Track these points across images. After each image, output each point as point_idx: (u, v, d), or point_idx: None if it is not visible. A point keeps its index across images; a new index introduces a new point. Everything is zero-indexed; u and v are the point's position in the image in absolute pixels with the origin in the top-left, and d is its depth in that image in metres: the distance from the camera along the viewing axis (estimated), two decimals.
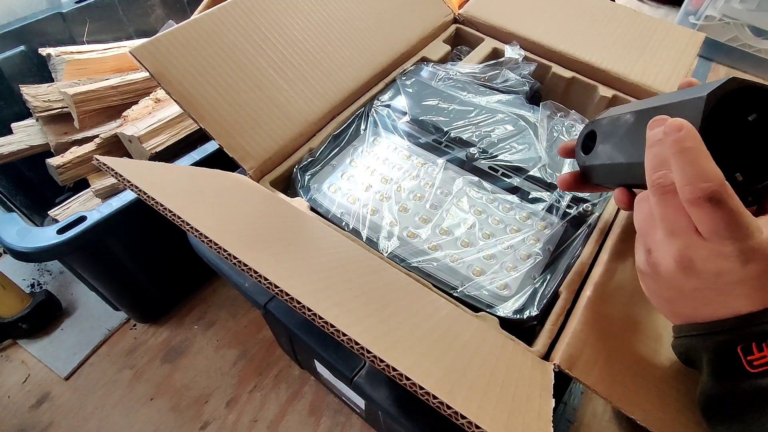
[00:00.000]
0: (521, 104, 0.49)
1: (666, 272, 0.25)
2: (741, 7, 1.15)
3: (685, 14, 1.26)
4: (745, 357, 0.23)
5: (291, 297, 0.22)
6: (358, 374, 0.37)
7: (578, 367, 0.29)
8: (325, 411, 0.65)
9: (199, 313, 0.76)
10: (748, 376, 0.23)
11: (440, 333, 0.27)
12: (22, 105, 0.71)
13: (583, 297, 0.34)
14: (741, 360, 0.24)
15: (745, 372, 0.23)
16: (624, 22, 0.57)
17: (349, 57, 0.50)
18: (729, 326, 0.24)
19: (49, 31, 0.78)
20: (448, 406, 0.20)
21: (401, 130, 0.47)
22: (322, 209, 0.41)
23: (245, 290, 0.41)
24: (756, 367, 0.23)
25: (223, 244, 0.24)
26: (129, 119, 0.69)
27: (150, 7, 0.91)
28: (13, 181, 0.76)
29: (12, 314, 0.69)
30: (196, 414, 0.65)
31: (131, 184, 0.28)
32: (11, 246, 0.49)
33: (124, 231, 0.58)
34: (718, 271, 0.23)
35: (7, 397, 0.66)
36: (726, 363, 0.24)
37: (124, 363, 0.70)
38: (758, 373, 0.23)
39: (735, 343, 0.24)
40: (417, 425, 0.34)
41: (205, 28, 0.41)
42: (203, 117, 0.39)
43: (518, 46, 0.55)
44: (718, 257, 0.23)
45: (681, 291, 0.25)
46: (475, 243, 0.39)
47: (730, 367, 0.24)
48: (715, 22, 1.21)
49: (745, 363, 0.23)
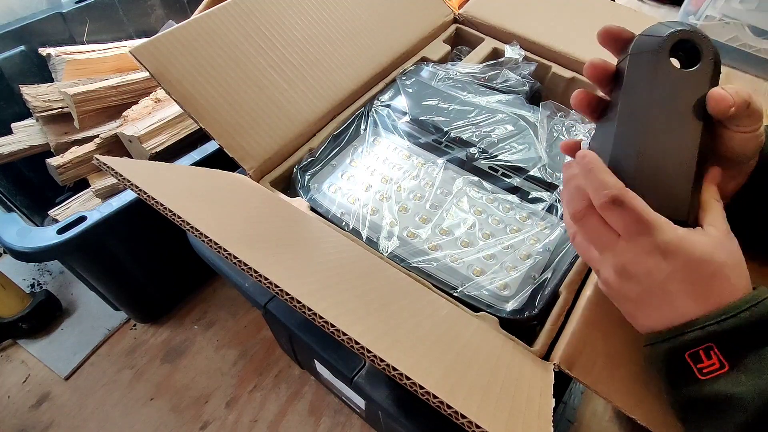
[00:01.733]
0: (521, 104, 0.49)
1: (613, 285, 0.27)
2: (741, 7, 1.15)
3: (685, 14, 1.26)
4: (695, 365, 0.24)
5: (291, 297, 0.22)
6: (358, 374, 0.37)
7: (578, 367, 0.29)
8: (325, 411, 0.65)
9: (199, 313, 0.76)
10: (700, 384, 0.24)
11: (440, 333, 0.27)
12: (22, 105, 0.71)
13: (583, 297, 0.34)
14: (691, 368, 0.24)
15: (696, 379, 0.24)
16: (624, 22, 0.57)
17: (349, 57, 0.50)
18: (672, 333, 0.25)
19: (49, 31, 0.78)
20: (448, 405, 0.20)
21: (401, 130, 0.47)
22: (322, 209, 0.41)
23: (245, 290, 0.41)
24: (706, 375, 0.24)
25: (224, 244, 0.24)
26: (129, 119, 0.69)
27: (150, 7, 0.91)
28: (13, 181, 0.76)
29: (12, 314, 0.69)
30: (196, 414, 0.65)
31: (131, 183, 0.28)
32: (11, 246, 0.49)
33: (124, 231, 0.58)
34: (647, 269, 0.25)
35: (7, 397, 0.66)
36: (677, 371, 0.25)
37: (124, 363, 0.70)
38: (708, 381, 0.23)
39: (682, 350, 0.24)
40: (417, 425, 0.34)
41: (205, 28, 0.41)
42: (203, 117, 0.39)
43: (518, 46, 0.55)
44: (641, 255, 0.25)
45: (630, 300, 0.27)
46: (475, 243, 0.39)
47: (682, 376, 0.24)
48: (715, 22, 1.21)
49: (695, 371, 0.24)
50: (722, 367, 0.23)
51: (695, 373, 0.24)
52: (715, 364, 0.23)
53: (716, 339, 0.23)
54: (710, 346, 0.23)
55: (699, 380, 0.24)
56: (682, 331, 0.24)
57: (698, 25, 1.23)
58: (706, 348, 0.23)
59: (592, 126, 0.47)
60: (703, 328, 0.23)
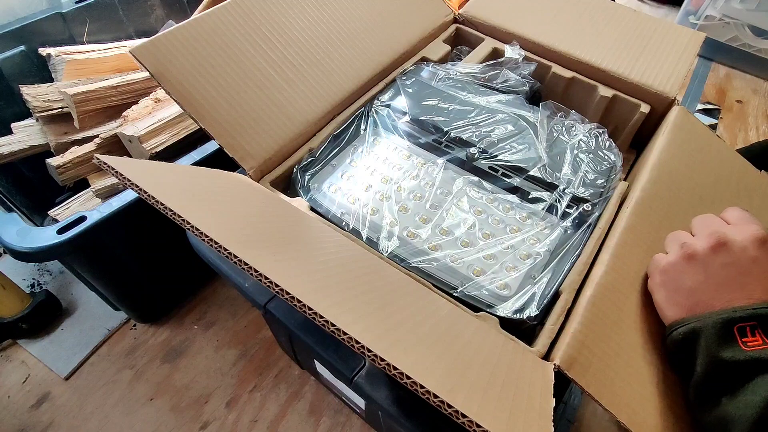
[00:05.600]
0: (521, 104, 0.49)
1: (701, 254, 0.31)
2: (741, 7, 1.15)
3: (685, 14, 1.27)
4: (740, 338, 0.27)
5: (292, 296, 0.22)
6: (358, 374, 0.37)
7: (575, 368, 0.29)
8: (325, 411, 0.65)
9: (199, 313, 0.76)
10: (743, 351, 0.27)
11: (441, 332, 0.27)
12: (22, 105, 0.71)
13: (584, 297, 0.34)
14: (737, 339, 0.27)
15: (740, 349, 0.27)
16: (624, 22, 0.57)
17: (349, 57, 0.50)
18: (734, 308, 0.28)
19: (49, 31, 0.78)
20: (449, 405, 0.20)
21: (401, 130, 0.47)
22: (322, 209, 0.41)
23: (245, 290, 0.41)
24: (750, 347, 0.27)
25: (224, 243, 0.24)
26: (129, 119, 0.69)
27: (150, 7, 0.92)
28: (13, 181, 0.76)
29: (12, 314, 0.69)
30: (196, 414, 0.65)
31: (132, 182, 0.28)
32: (11, 246, 0.49)
33: (124, 231, 0.58)
34: (743, 246, 0.30)
35: (7, 397, 0.66)
36: (725, 340, 0.28)
37: (124, 363, 0.70)
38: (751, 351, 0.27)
39: (732, 323, 0.28)
40: (417, 425, 0.34)
41: (205, 27, 0.41)
42: (203, 117, 0.39)
43: (518, 46, 0.55)
44: (746, 235, 0.30)
45: (708, 270, 0.30)
46: (475, 243, 0.39)
47: (728, 343, 0.27)
48: (715, 22, 1.21)
49: (740, 342, 0.27)
50: (765, 343, 0.27)
51: (740, 343, 0.27)
52: (758, 340, 0.27)
53: (761, 319, 0.27)
54: (755, 324, 0.27)
55: (742, 350, 0.27)
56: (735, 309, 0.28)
57: (698, 24, 1.23)
58: (752, 326, 0.27)
59: (592, 126, 0.47)
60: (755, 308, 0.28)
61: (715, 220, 0.33)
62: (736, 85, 1.22)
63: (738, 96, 1.19)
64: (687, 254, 0.31)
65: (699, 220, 0.34)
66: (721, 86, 1.22)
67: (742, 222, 0.32)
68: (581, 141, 0.46)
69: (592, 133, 0.47)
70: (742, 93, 1.20)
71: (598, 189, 0.42)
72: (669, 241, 0.35)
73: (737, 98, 1.18)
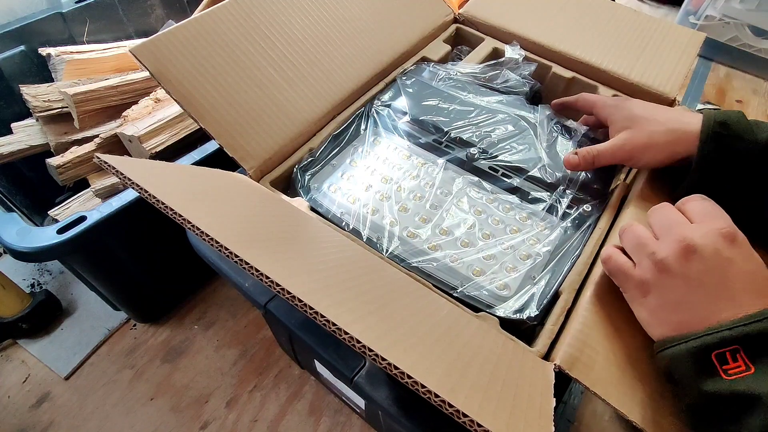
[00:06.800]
0: (521, 105, 0.49)
1: (673, 264, 0.28)
2: (741, 7, 1.15)
3: (685, 14, 1.26)
4: (720, 366, 0.25)
5: (293, 295, 0.22)
6: (358, 374, 0.37)
7: (578, 367, 0.29)
8: (325, 411, 0.65)
9: (199, 313, 0.76)
10: (725, 382, 0.24)
11: (441, 332, 0.27)
12: (22, 105, 0.71)
13: (584, 297, 0.34)
14: (716, 368, 0.25)
15: (721, 378, 0.25)
16: (624, 22, 0.57)
17: (349, 56, 0.50)
18: (707, 332, 0.26)
19: (49, 31, 0.78)
20: (449, 404, 0.20)
21: (401, 130, 0.47)
22: (322, 209, 0.41)
23: (245, 290, 0.41)
24: (731, 375, 0.24)
25: (224, 242, 0.24)
26: (129, 119, 0.69)
27: (150, 7, 0.92)
28: (13, 181, 0.76)
29: (12, 314, 0.69)
30: (196, 414, 0.65)
31: (132, 182, 0.28)
32: (11, 246, 0.49)
33: (124, 231, 0.58)
34: (715, 248, 0.27)
35: (7, 397, 0.66)
36: (703, 370, 0.25)
37: (124, 363, 0.70)
38: (734, 380, 0.24)
39: (709, 350, 0.25)
40: (417, 425, 0.34)
41: (205, 27, 0.41)
42: (203, 117, 0.39)
43: (518, 46, 0.55)
44: (712, 232, 0.28)
45: (689, 281, 0.27)
46: (475, 243, 0.39)
47: (707, 373, 0.25)
48: (715, 22, 1.21)
49: (720, 371, 0.25)
50: (747, 369, 0.24)
51: (720, 373, 0.25)
52: (740, 366, 0.24)
53: (743, 342, 0.24)
54: (737, 348, 0.24)
55: (724, 379, 0.24)
56: (716, 329, 0.25)
57: (698, 25, 1.23)
58: (733, 350, 0.25)
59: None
60: (731, 329, 0.25)
61: (675, 217, 0.30)
62: (736, 85, 1.22)
63: (738, 96, 1.19)
64: (659, 268, 0.28)
65: (658, 215, 0.31)
66: (721, 86, 1.21)
67: (706, 217, 0.29)
68: (581, 141, 0.46)
69: (593, 133, 0.47)
70: (742, 93, 1.20)
71: (598, 189, 0.42)
72: (629, 242, 0.31)
73: (737, 98, 1.18)
